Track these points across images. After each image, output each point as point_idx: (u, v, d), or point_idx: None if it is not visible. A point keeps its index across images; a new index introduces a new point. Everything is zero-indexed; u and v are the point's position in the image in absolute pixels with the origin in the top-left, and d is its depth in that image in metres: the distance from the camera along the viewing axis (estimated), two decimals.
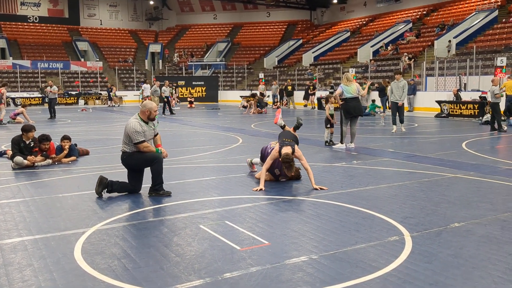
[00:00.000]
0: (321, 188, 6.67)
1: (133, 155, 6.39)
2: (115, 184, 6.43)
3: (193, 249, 4.28)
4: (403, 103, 14.27)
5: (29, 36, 44.57)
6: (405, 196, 6.28)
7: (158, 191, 6.38)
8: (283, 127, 8.13)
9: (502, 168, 8.26)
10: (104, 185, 6.34)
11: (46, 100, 23.44)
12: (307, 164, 6.93)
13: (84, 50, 45.07)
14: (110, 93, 34.07)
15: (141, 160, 6.41)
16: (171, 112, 24.44)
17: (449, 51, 28.26)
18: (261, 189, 6.63)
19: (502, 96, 14.97)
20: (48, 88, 21.97)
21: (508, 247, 4.27)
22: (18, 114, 19.19)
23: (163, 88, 24.64)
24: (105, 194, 6.40)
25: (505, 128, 14.63)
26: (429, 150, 10.55)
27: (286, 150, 6.80)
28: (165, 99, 24.34)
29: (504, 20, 29.54)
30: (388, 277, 3.63)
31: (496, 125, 14.47)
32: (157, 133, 6.75)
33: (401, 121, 14.40)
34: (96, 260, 4.03)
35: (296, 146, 7.03)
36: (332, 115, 11.28)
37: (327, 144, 11.37)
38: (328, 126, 11.37)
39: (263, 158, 7.50)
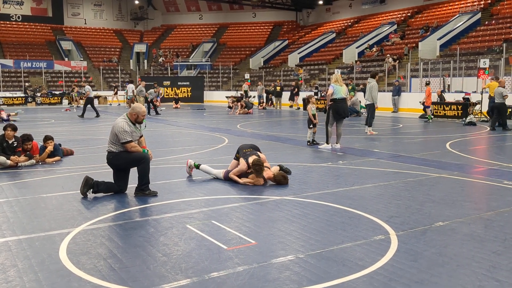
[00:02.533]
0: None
1: (119, 155, 6.35)
2: (101, 185, 6.37)
3: (180, 249, 4.27)
4: (371, 104, 14.10)
5: (11, 35, 43.99)
6: (390, 195, 6.33)
7: (144, 191, 6.35)
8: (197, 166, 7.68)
9: (485, 168, 8.38)
10: (89, 185, 6.28)
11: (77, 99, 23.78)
12: (269, 169, 7.19)
13: (68, 49, 44.66)
14: (72, 93, 33.38)
15: (127, 160, 6.37)
16: (156, 113, 24.35)
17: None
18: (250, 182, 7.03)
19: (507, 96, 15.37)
20: (86, 88, 22.27)
21: (492, 245, 4.33)
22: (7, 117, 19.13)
23: (150, 90, 24.65)
24: (91, 195, 6.35)
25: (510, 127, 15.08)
26: (414, 150, 10.66)
27: (252, 158, 7.07)
28: (149, 100, 24.34)
29: (487, 22, 29.98)
30: (374, 275, 3.66)
31: (493, 125, 15.09)
32: (142, 135, 6.72)
33: (369, 124, 14.28)
34: (81, 260, 3.99)
35: (258, 152, 7.32)
36: (314, 115, 11.31)
37: (309, 143, 11.41)
38: (311, 126, 11.40)
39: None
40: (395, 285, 3.48)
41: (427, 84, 20.42)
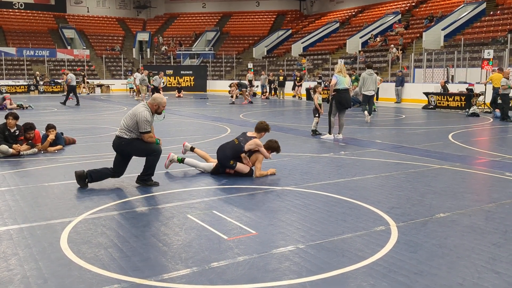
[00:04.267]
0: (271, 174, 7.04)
1: (132, 143, 6.24)
2: (94, 173, 6.29)
3: (181, 239, 4.28)
4: (374, 94, 14.92)
5: (14, 23, 43.87)
6: (391, 186, 6.33)
7: (146, 181, 6.34)
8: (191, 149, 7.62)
9: (487, 160, 8.36)
10: (83, 178, 6.23)
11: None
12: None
13: (70, 38, 44.51)
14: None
15: (140, 149, 6.31)
16: None
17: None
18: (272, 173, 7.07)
19: (509, 87, 15.35)
20: (69, 76, 22.51)
21: (492, 237, 4.33)
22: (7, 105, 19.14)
23: (154, 77, 24.84)
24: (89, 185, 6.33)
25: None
26: (416, 141, 10.63)
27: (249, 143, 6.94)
28: (152, 86, 24.51)
29: (491, 12, 29.72)
30: (374, 266, 3.67)
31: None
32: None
33: (369, 112, 14.82)
34: (82, 249, 4.01)
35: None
36: (320, 105, 11.29)
37: (312, 133, 11.39)
38: (317, 115, 11.39)
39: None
40: (394, 276, 3.48)
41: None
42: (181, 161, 7.31)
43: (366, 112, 14.75)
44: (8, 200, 5.61)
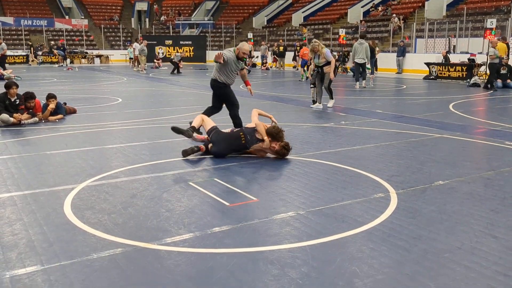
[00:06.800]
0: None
1: (223, 89, 7.48)
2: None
3: (183, 205, 4.33)
4: (365, 62, 15.92)
5: None
6: (392, 155, 6.36)
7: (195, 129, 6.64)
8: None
9: (487, 129, 8.37)
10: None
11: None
12: (255, 122, 6.42)
13: (68, 7, 43.91)
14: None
15: (225, 96, 7.52)
16: (178, 72, 24.64)
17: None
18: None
19: (497, 57, 15.27)
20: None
21: (490, 204, 4.38)
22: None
23: (177, 54, 26.09)
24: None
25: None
26: (417, 111, 10.63)
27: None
28: (174, 61, 25.07)
29: None
30: (373, 231, 3.72)
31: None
32: (243, 69, 7.68)
33: (364, 78, 16.19)
34: (86, 215, 4.07)
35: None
36: (312, 75, 11.37)
37: (313, 104, 11.34)
38: (312, 85, 11.33)
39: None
40: (393, 240, 3.54)
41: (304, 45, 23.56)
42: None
43: (357, 84, 16.06)
44: (11, 167, 5.65)
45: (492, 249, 3.40)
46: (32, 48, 34.26)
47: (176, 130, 6.36)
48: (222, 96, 7.58)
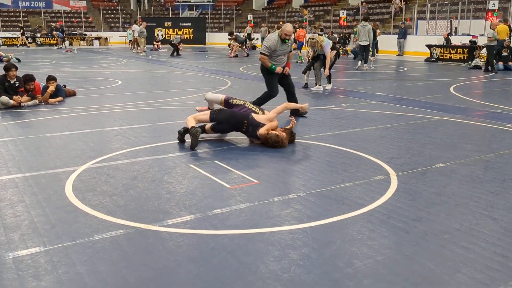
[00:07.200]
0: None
1: (264, 73, 7.79)
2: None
3: (184, 187, 4.35)
4: (368, 44, 16.11)
5: None
6: (392, 137, 6.36)
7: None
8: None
9: (488, 112, 8.36)
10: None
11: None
12: (272, 115, 6.15)
13: None
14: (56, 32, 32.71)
15: (265, 80, 7.86)
16: (178, 54, 24.72)
17: None
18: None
19: (495, 39, 15.15)
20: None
21: (490, 186, 4.40)
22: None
23: (176, 36, 26.23)
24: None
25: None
26: (417, 93, 10.60)
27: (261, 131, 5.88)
28: (173, 43, 25.27)
29: None
30: (373, 213, 3.75)
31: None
32: (291, 51, 7.77)
33: (366, 61, 16.41)
34: (87, 197, 4.09)
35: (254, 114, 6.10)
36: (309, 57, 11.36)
37: (318, 85, 11.31)
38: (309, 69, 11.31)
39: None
40: (393, 222, 3.57)
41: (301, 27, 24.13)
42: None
43: (359, 62, 16.36)
44: (12, 150, 5.66)
45: (491, 231, 3.42)
46: (22, 30, 33.79)
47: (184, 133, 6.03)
48: (265, 79, 7.91)
